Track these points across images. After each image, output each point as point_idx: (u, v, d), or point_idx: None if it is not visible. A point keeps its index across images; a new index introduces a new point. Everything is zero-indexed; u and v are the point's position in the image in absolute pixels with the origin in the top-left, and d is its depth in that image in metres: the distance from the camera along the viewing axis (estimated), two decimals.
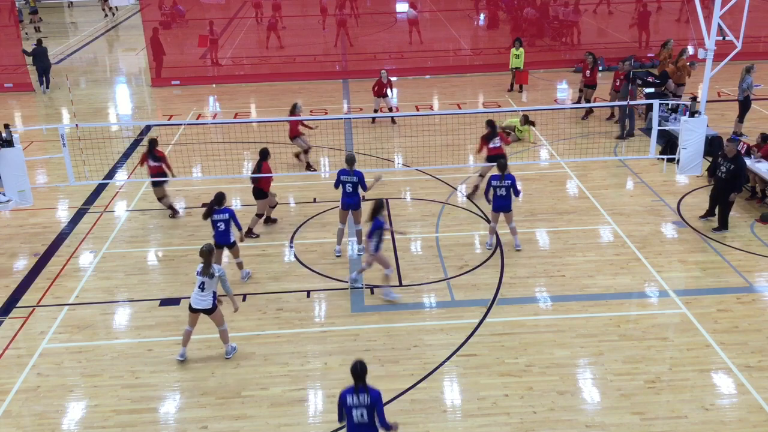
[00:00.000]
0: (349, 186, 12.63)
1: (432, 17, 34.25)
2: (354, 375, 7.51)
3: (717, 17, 12.82)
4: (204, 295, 9.84)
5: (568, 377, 9.73)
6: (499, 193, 12.55)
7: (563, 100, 22.33)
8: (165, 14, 33.16)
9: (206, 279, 9.76)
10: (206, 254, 9.76)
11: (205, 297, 9.85)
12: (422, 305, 11.52)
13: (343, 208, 12.80)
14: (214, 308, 9.95)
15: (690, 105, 13.69)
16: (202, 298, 9.85)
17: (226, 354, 10.28)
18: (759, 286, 11.80)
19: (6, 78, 25.46)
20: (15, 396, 9.66)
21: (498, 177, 12.60)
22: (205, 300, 9.85)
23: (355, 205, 12.77)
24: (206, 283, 9.78)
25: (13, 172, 12.64)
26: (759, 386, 9.45)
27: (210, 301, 9.87)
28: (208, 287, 9.82)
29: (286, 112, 19.10)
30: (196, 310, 9.94)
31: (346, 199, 12.72)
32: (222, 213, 11.61)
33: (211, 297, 9.87)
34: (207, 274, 9.75)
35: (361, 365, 7.52)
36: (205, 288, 9.81)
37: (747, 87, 17.75)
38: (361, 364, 7.52)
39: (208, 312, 9.93)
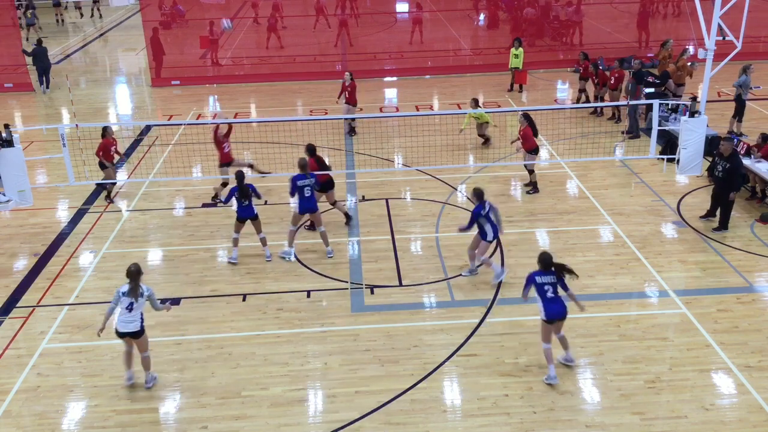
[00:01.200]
0: (307, 190, 12.59)
1: (432, 17, 34.23)
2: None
3: (717, 17, 12.82)
4: (132, 316, 9.24)
5: (568, 377, 9.72)
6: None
7: (563, 100, 22.32)
8: (165, 14, 33.13)
9: (133, 300, 9.21)
10: (134, 274, 9.25)
11: (133, 319, 9.24)
12: (422, 305, 11.53)
13: (301, 212, 12.76)
14: (142, 331, 9.36)
15: (690, 105, 13.70)
16: (129, 320, 9.23)
17: (146, 383, 9.68)
18: (759, 286, 11.80)
19: (6, 78, 25.45)
20: (15, 396, 9.66)
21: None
22: (132, 322, 9.24)
23: (313, 209, 12.74)
24: (134, 304, 9.23)
25: (13, 172, 12.63)
26: (759, 386, 9.45)
27: (138, 324, 9.27)
28: (136, 308, 9.26)
29: (286, 112, 19.17)
30: (123, 335, 9.35)
31: (304, 203, 12.66)
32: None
33: (139, 319, 9.29)
34: (134, 295, 9.22)
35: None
36: (133, 309, 9.24)
37: (738, 85, 17.76)
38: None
39: (135, 336, 9.34)
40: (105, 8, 39.32)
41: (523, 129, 15.08)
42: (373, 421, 9.05)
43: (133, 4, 36.13)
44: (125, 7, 39.71)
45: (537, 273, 9.61)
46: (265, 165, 16.58)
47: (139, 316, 9.31)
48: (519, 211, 14.64)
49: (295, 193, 12.66)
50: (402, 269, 12.58)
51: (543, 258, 9.59)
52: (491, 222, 11.69)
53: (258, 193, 12.61)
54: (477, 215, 11.63)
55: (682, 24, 29.67)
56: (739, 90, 17.85)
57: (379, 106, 22.31)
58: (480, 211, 11.60)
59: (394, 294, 11.85)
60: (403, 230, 13.94)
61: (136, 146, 19.05)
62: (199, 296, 11.89)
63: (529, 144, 15.07)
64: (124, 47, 32.41)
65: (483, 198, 11.68)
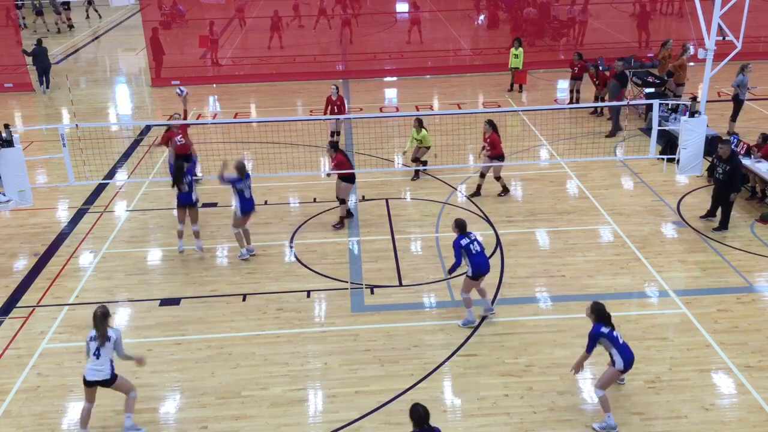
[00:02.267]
0: (246, 192, 12.66)
1: (432, 17, 34.23)
2: (416, 420, 7.18)
3: (717, 17, 12.82)
4: (100, 363, 8.46)
5: (568, 377, 9.72)
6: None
7: (563, 100, 22.32)
8: (165, 14, 33.13)
9: (100, 345, 8.45)
10: (99, 318, 8.49)
11: (101, 367, 8.48)
12: (422, 305, 11.53)
13: (243, 213, 12.81)
14: (113, 378, 8.59)
15: (690, 105, 13.70)
16: (97, 368, 8.47)
17: (125, 429, 8.86)
18: (759, 286, 11.80)
19: (6, 78, 25.45)
20: (15, 396, 9.66)
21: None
22: (101, 370, 8.48)
23: (252, 209, 12.97)
24: (101, 350, 8.45)
25: (13, 172, 12.63)
26: (759, 386, 9.45)
27: (108, 371, 8.52)
28: (104, 354, 8.47)
29: (286, 112, 19.18)
30: (93, 383, 8.54)
31: (245, 205, 12.71)
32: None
33: (108, 366, 8.52)
34: (101, 341, 8.46)
35: (423, 409, 7.19)
36: (100, 355, 8.45)
37: (736, 85, 17.76)
38: (423, 408, 7.20)
39: (107, 384, 8.57)
40: (105, 8, 39.28)
41: (489, 135, 14.67)
42: (373, 421, 9.05)
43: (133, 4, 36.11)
44: (125, 7, 39.68)
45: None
46: (265, 165, 16.60)
47: (108, 362, 8.50)
48: (519, 211, 14.64)
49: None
50: (402, 269, 12.58)
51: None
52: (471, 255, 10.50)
53: (194, 172, 13.09)
54: (458, 246, 10.44)
55: (682, 24, 29.67)
56: (736, 90, 17.86)
57: (379, 106, 22.31)
58: (460, 242, 10.44)
59: (394, 294, 11.85)
60: (403, 230, 13.95)
61: (136, 146, 19.05)
62: (199, 296, 11.90)
63: (497, 150, 14.72)
64: (124, 47, 32.41)
65: (465, 229, 10.62)
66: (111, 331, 8.56)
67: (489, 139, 14.73)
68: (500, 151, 14.89)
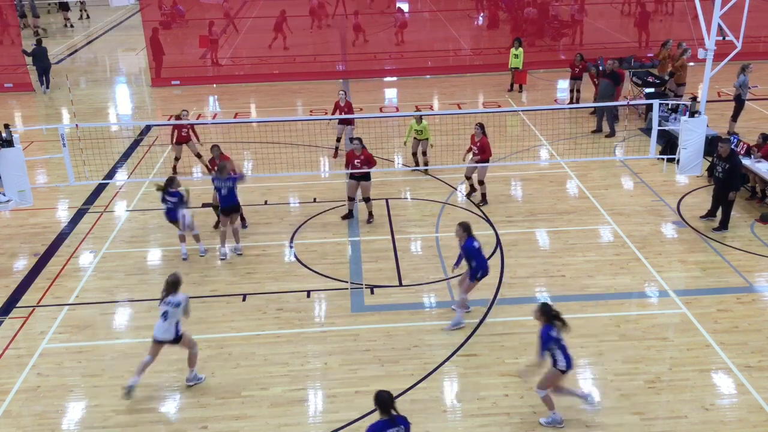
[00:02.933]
0: (224, 189, 12.78)
1: (432, 17, 34.24)
2: (381, 405, 7.20)
3: (717, 17, 12.82)
4: (167, 325, 9.25)
5: (568, 377, 9.70)
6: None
7: (563, 100, 22.32)
8: (165, 14, 33.13)
9: (169, 308, 9.22)
10: (170, 285, 9.29)
11: (168, 328, 9.26)
12: (422, 305, 11.52)
13: (224, 213, 12.98)
14: (178, 339, 9.38)
15: (690, 105, 13.70)
16: (165, 329, 9.27)
17: (187, 381, 9.74)
18: (759, 286, 11.80)
19: (6, 78, 25.45)
20: (15, 396, 9.66)
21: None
22: (168, 331, 9.27)
23: (236, 206, 13.10)
24: (169, 313, 9.22)
25: (13, 172, 12.63)
26: (759, 386, 9.45)
27: (172, 333, 9.28)
28: (170, 317, 9.24)
29: (286, 112, 19.18)
30: (160, 342, 9.37)
31: (224, 202, 12.91)
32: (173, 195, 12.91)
33: (173, 328, 9.29)
34: (168, 305, 9.24)
35: (388, 394, 7.22)
36: (167, 318, 9.24)
37: (738, 86, 17.75)
38: (388, 393, 7.23)
39: (174, 342, 9.40)
40: (105, 8, 39.30)
41: (480, 139, 14.31)
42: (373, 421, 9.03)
43: (133, 4, 36.12)
44: (125, 7, 39.70)
45: None
46: (265, 165, 16.60)
47: (174, 325, 9.26)
48: (519, 211, 14.63)
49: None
50: (402, 269, 12.58)
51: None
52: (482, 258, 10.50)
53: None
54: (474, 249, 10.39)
55: (682, 24, 29.67)
56: (738, 90, 17.85)
57: (379, 106, 22.31)
58: (473, 245, 10.36)
59: (394, 294, 11.85)
60: (403, 230, 13.94)
61: (136, 146, 19.05)
62: (199, 296, 11.89)
63: (486, 154, 14.38)
64: (124, 47, 32.41)
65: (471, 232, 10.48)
66: (179, 297, 9.26)
67: (479, 143, 14.37)
68: (489, 155, 14.52)
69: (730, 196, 13.24)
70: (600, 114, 18.87)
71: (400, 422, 7.21)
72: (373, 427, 7.18)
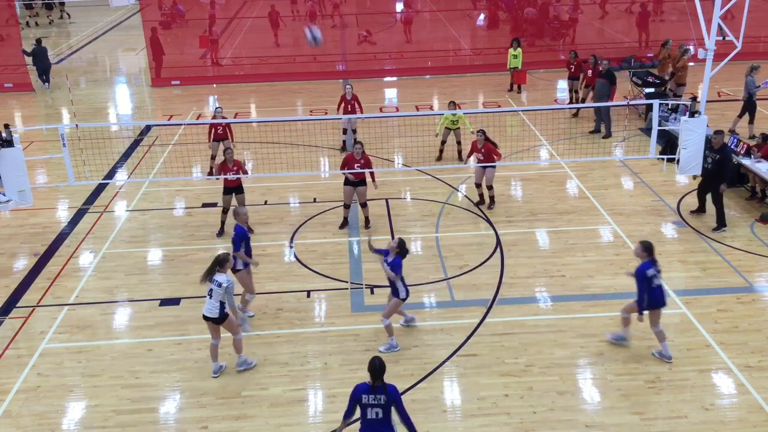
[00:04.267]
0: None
1: (432, 17, 34.25)
2: (370, 371, 7.44)
3: (717, 17, 12.83)
4: (211, 303, 9.51)
5: (568, 377, 9.73)
6: None
7: (563, 100, 22.32)
8: (165, 14, 33.15)
9: (213, 287, 9.45)
10: (214, 263, 9.52)
11: (212, 306, 9.50)
12: (422, 305, 11.52)
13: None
14: (222, 318, 9.57)
15: (690, 105, 13.70)
16: (210, 307, 9.54)
17: (237, 366, 9.97)
18: (759, 286, 11.80)
19: (6, 78, 25.46)
20: (15, 396, 9.66)
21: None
22: (212, 310, 9.52)
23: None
24: (212, 291, 9.46)
25: (13, 172, 12.63)
26: (759, 386, 9.45)
27: (217, 311, 9.49)
28: (214, 296, 9.47)
29: (286, 112, 19.18)
30: (206, 318, 9.66)
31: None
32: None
33: (217, 307, 9.48)
34: (211, 282, 9.46)
35: (380, 361, 7.43)
36: (212, 296, 9.49)
37: (751, 87, 17.69)
38: (380, 360, 7.44)
39: (215, 322, 9.61)
40: (105, 8, 39.32)
41: (483, 146, 14.27)
42: None
43: (133, 4, 36.13)
44: (125, 7, 39.73)
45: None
46: (265, 165, 16.60)
47: (218, 304, 9.48)
48: (519, 211, 14.63)
49: None
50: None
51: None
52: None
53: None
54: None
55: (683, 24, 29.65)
56: (751, 91, 17.76)
57: (379, 106, 22.31)
58: None
59: None
60: (403, 230, 13.94)
61: (136, 146, 19.05)
62: (199, 296, 11.87)
63: (491, 159, 14.29)
64: (124, 47, 32.42)
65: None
66: (222, 278, 9.41)
67: (483, 149, 14.32)
68: (498, 158, 14.49)
69: (721, 189, 13.26)
70: (598, 114, 18.87)
71: (380, 392, 7.41)
72: (357, 387, 7.53)
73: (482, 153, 14.36)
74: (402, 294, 10.17)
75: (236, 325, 9.80)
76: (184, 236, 13.96)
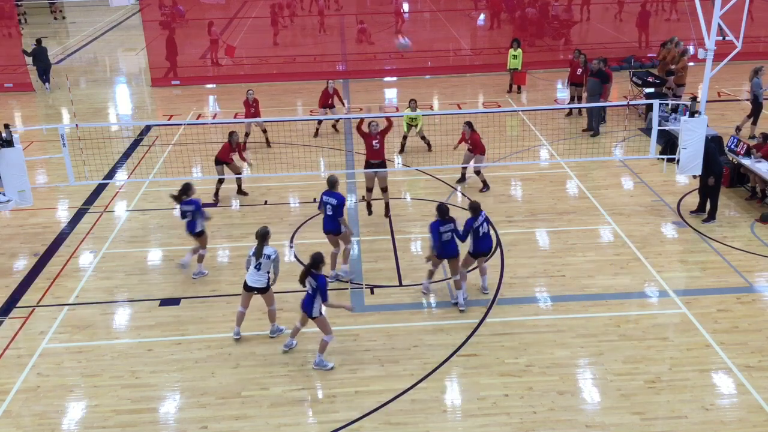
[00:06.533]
0: (328, 208, 11.75)
1: (432, 17, 34.25)
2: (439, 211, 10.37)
3: (717, 17, 12.82)
4: (260, 275, 10.22)
5: (568, 377, 9.73)
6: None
7: (563, 100, 22.31)
8: (165, 14, 33.14)
9: (263, 260, 10.13)
10: (260, 237, 10.23)
11: (260, 278, 10.23)
12: (422, 305, 11.52)
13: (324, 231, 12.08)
14: (267, 288, 10.35)
15: (690, 105, 13.71)
16: (257, 278, 10.22)
17: (271, 333, 10.69)
18: (759, 286, 11.80)
19: (6, 78, 25.46)
20: (15, 396, 9.66)
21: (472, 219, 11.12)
22: (260, 280, 10.23)
23: (331, 230, 11.97)
24: (261, 264, 10.17)
25: (13, 172, 12.63)
26: (759, 386, 9.45)
27: (264, 281, 10.26)
28: (263, 268, 10.20)
29: (286, 112, 19.17)
30: (251, 289, 10.31)
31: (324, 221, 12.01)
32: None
33: (265, 278, 10.25)
34: (258, 256, 10.17)
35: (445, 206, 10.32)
36: (260, 268, 10.19)
37: (756, 89, 17.65)
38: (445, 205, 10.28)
39: (261, 291, 10.35)
40: (104, 8, 39.31)
41: (470, 136, 15.15)
42: (373, 421, 9.05)
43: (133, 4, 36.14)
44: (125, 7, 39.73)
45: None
46: (265, 165, 16.60)
47: (265, 275, 10.24)
48: (519, 211, 14.64)
49: (321, 207, 11.92)
50: (402, 269, 12.58)
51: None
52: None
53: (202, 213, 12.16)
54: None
55: (682, 24, 29.67)
56: (756, 92, 17.74)
57: (379, 106, 22.31)
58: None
59: (394, 294, 11.85)
60: (403, 230, 13.94)
61: (136, 146, 19.05)
62: (199, 296, 11.90)
63: (480, 149, 15.20)
64: (124, 47, 32.41)
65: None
66: (269, 250, 10.17)
67: (470, 140, 15.20)
68: (483, 149, 15.32)
69: (710, 182, 13.34)
70: (589, 112, 18.91)
71: (450, 221, 10.33)
72: (433, 224, 10.27)
73: (468, 143, 15.31)
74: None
75: (273, 296, 10.57)
76: (184, 236, 13.89)
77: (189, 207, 12.05)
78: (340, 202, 11.65)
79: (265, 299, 10.51)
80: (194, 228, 12.17)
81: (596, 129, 18.71)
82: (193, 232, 12.21)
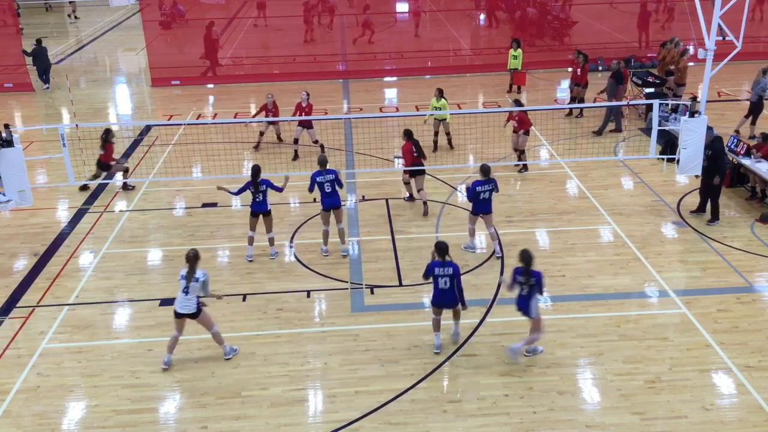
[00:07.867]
0: (327, 186, 12.59)
1: (432, 17, 34.24)
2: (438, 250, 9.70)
3: (717, 17, 12.82)
4: (188, 299, 9.72)
5: (568, 377, 9.73)
6: (483, 197, 12.52)
7: (563, 100, 22.31)
8: (165, 14, 33.13)
9: (191, 283, 9.66)
10: (192, 259, 9.69)
11: (189, 302, 9.73)
12: (422, 305, 11.52)
13: (325, 209, 12.76)
14: (198, 312, 9.83)
15: (690, 105, 13.71)
16: (186, 303, 9.74)
17: (225, 355, 10.23)
18: (759, 286, 11.80)
19: (6, 78, 25.45)
20: (15, 396, 9.66)
21: (482, 182, 12.45)
22: (188, 305, 9.74)
23: (336, 204, 12.74)
24: (189, 287, 9.68)
25: (13, 172, 12.64)
26: (759, 386, 9.45)
27: (194, 306, 9.75)
28: (191, 292, 9.70)
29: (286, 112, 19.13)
30: (181, 315, 9.84)
31: (326, 199, 12.69)
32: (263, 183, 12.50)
33: (195, 302, 9.75)
34: (191, 279, 9.66)
35: (445, 244, 9.73)
36: (189, 292, 9.69)
37: (762, 89, 17.63)
38: (445, 244, 9.74)
39: (192, 317, 9.84)
40: (104, 8, 39.30)
41: (518, 114, 16.12)
42: (373, 421, 9.05)
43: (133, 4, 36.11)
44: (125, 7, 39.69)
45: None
46: (264, 165, 16.57)
47: (195, 299, 9.74)
48: (519, 211, 14.63)
49: (313, 189, 12.71)
50: (402, 269, 12.58)
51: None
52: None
53: (275, 186, 12.59)
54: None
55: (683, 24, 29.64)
56: (760, 93, 17.71)
57: (379, 106, 22.31)
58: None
59: (394, 294, 11.85)
60: (403, 230, 13.95)
61: (136, 146, 19.05)
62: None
63: (526, 125, 16.20)
64: (124, 47, 32.40)
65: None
66: (199, 273, 9.69)
67: (518, 116, 16.14)
68: (529, 123, 16.25)
69: (715, 181, 13.33)
70: (608, 113, 18.83)
71: (449, 265, 9.72)
72: (430, 264, 9.85)
73: (515, 120, 16.24)
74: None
75: (209, 320, 10.06)
76: (184, 236, 13.96)
77: (263, 186, 12.41)
78: (337, 176, 12.65)
79: (202, 324, 10.03)
80: (266, 207, 12.59)
81: (618, 126, 18.79)
82: (265, 210, 12.58)
